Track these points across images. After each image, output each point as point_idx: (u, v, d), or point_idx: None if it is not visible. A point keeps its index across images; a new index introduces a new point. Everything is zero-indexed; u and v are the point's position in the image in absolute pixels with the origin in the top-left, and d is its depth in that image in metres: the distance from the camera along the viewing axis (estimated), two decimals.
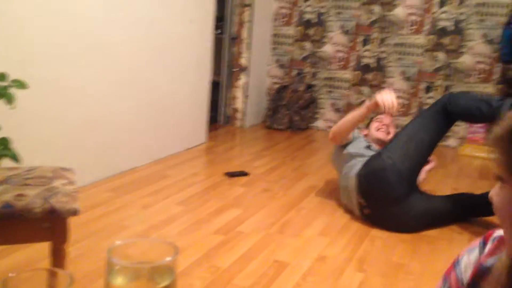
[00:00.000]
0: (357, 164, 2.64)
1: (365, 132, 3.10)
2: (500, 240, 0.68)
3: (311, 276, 2.00)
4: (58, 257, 1.42)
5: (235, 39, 4.74)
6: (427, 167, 2.93)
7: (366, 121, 3.30)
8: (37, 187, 1.46)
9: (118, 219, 2.46)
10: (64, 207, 1.40)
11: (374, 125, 3.06)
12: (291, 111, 4.86)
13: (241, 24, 4.70)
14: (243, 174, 3.32)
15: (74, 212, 1.42)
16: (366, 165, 2.57)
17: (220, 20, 4.68)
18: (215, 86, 4.71)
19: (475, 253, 0.70)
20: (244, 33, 4.70)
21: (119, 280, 0.49)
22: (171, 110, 3.66)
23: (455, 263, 0.72)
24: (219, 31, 4.71)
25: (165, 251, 0.51)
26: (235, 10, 4.68)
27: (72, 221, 1.53)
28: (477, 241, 0.71)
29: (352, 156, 2.72)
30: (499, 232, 0.69)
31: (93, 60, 2.85)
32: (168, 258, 0.51)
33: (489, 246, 0.69)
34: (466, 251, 0.72)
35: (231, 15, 4.69)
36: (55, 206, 1.39)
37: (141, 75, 3.28)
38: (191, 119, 3.93)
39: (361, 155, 2.69)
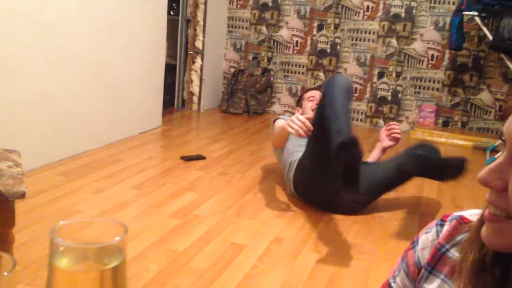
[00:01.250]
0: (293, 157, 2.68)
1: (300, 111, 3.09)
2: (459, 221, 0.68)
3: (267, 258, 2.02)
4: (4, 242, 1.37)
5: (190, 21, 4.65)
6: (384, 145, 2.88)
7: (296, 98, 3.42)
8: None
9: (70, 204, 2.39)
10: (10, 190, 1.33)
11: (308, 104, 3.01)
12: (247, 95, 4.84)
13: (196, 6, 4.61)
14: (199, 158, 3.29)
15: (21, 195, 1.35)
16: (296, 170, 2.61)
17: (175, 1, 4.58)
18: (171, 69, 4.62)
19: (433, 233, 0.70)
20: (199, 15, 4.62)
21: (64, 261, 0.47)
22: (125, 92, 3.56)
23: (414, 243, 0.73)
24: (174, 13, 4.61)
25: (114, 231, 0.49)
26: None
27: (21, 206, 1.47)
28: (434, 222, 0.72)
29: (289, 152, 2.75)
30: (458, 214, 0.70)
31: (42, 40, 2.72)
32: (117, 238, 0.49)
33: (446, 227, 0.69)
34: (425, 231, 0.73)
35: None
36: (2, 189, 1.33)
37: (94, 56, 3.16)
38: (145, 102, 3.85)
39: (299, 150, 2.70)
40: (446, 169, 2.51)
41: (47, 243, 1.94)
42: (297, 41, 4.88)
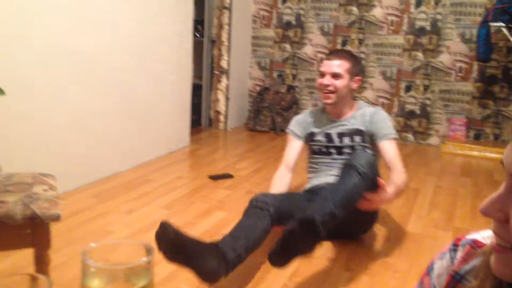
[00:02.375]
0: (306, 185, 2.50)
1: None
2: (473, 245, 0.67)
3: (297, 277, 2.01)
4: (41, 264, 1.41)
5: (215, 42, 4.74)
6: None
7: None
8: (17, 193, 1.43)
9: (103, 225, 2.44)
10: (46, 213, 1.38)
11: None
12: (273, 113, 4.87)
13: (220, 27, 4.70)
14: (227, 176, 3.31)
15: (56, 218, 1.40)
16: None
17: (200, 23, 4.68)
18: (197, 89, 4.70)
19: (447, 258, 0.69)
20: (224, 36, 4.71)
21: (95, 282, 0.49)
22: (153, 113, 3.64)
23: (429, 268, 0.72)
24: (199, 34, 4.71)
25: (141, 252, 0.51)
26: (214, 13, 4.68)
27: (56, 228, 1.52)
28: (448, 246, 0.71)
29: (308, 175, 2.57)
30: (470, 237, 0.69)
31: (74, 65, 2.82)
32: (144, 259, 0.51)
33: (460, 252, 0.68)
34: (439, 257, 0.72)
35: (210, 18, 4.69)
36: (36, 212, 1.37)
37: (122, 79, 3.25)
38: (173, 122, 3.92)
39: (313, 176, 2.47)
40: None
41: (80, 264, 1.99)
42: (321, 58, 4.90)
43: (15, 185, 1.48)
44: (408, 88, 4.66)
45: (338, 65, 2.37)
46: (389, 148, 2.33)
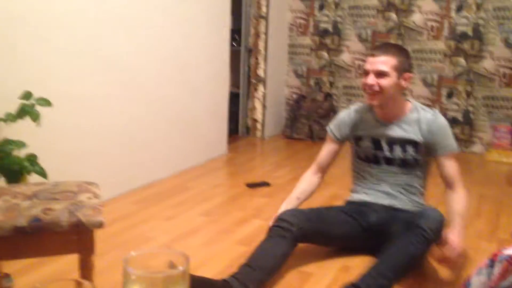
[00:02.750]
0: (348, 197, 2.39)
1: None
2: (510, 261, 0.66)
3: (335, 286, 1.99)
4: (85, 269, 1.46)
5: (252, 51, 4.78)
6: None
7: None
8: (63, 201, 1.50)
9: (143, 231, 2.50)
10: (90, 220, 1.43)
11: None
12: (310, 121, 4.86)
13: (257, 35, 4.75)
14: (264, 184, 3.33)
15: (100, 225, 1.45)
16: None
17: (236, 32, 4.74)
18: (235, 98, 4.76)
19: (484, 275, 0.68)
20: (261, 45, 4.75)
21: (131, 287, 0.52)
22: (192, 122, 3.71)
23: (466, 284, 0.71)
24: (236, 43, 4.77)
25: (178, 260, 0.53)
26: (250, 22, 4.74)
27: (99, 234, 1.57)
28: (485, 262, 0.70)
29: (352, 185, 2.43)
30: (507, 252, 0.67)
31: (117, 78, 2.92)
32: (181, 268, 0.53)
33: (497, 268, 0.67)
34: (476, 272, 0.70)
35: (247, 27, 4.74)
36: (81, 219, 1.43)
37: (162, 89, 3.34)
38: (211, 131, 3.98)
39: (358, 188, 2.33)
40: None
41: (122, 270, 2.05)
42: (359, 65, 4.86)
43: (61, 193, 1.55)
44: (449, 95, 4.55)
45: (383, 62, 2.06)
46: (448, 164, 2.12)
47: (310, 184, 2.35)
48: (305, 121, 4.88)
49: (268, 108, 4.90)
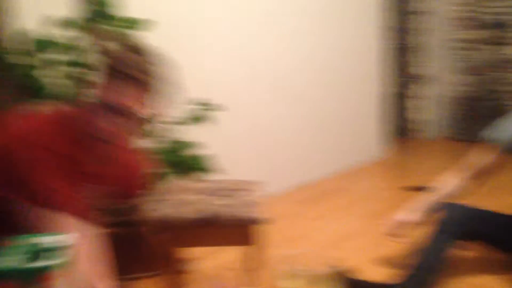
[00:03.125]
0: None
1: None
2: None
3: None
4: (248, 261, 1.59)
5: (410, 48, 4.58)
6: None
7: None
8: (226, 198, 1.65)
9: (301, 230, 2.61)
10: (251, 217, 1.56)
11: None
12: (476, 121, 4.47)
13: (416, 32, 4.53)
14: (423, 188, 3.18)
15: (259, 221, 1.56)
16: None
17: (396, 30, 4.59)
18: (393, 98, 4.61)
19: None
20: (420, 41, 4.52)
21: (289, 283, 0.60)
22: (352, 123, 3.73)
23: None
24: (391, 42, 4.61)
25: (329, 262, 0.59)
26: (408, 18, 4.54)
27: (261, 229, 1.70)
28: None
29: None
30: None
31: (268, 81, 3.12)
32: (329, 269, 0.59)
33: None
34: None
35: (404, 24, 4.56)
36: (242, 215, 1.56)
37: (312, 92, 3.44)
38: (367, 132, 3.93)
39: None
40: None
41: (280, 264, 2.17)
42: None
43: (226, 190, 1.71)
44: None
45: None
46: None
47: None
48: (471, 121, 4.50)
49: (429, 108, 4.65)
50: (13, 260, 0.61)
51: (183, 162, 2.26)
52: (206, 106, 2.38)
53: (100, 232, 1.14)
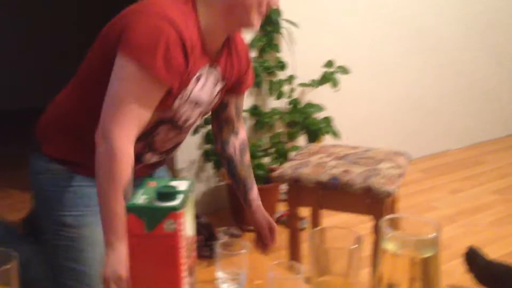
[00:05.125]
0: None
1: None
2: None
3: None
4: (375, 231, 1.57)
5: None
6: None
7: None
8: (364, 166, 1.64)
9: (426, 200, 2.52)
10: (381, 188, 1.53)
11: None
12: None
13: None
14: None
15: (387, 194, 1.52)
16: None
17: None
18: None
19: None
20: None
21: (390, 246, 0.61)
22: (492, 93, 3.40)
23: None
24: None
25: (433, 229, 0.60)
26: None
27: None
28: None
29: None
30: None
31: (412, 44, 2.94)
32: (433, 235, 0.59)
33: None
34: None
35: None
36: (372, 185, 1.55)
37: (460, 56, 3.17)
38: None
39: None
40: None
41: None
42: None
43: (366, 159, 1.70)
44: None
45: None
46: None
47: None
48: None
49: None
50: (143, 198, 0.72)
51: (314, 124, 2.31)
52: (337, 69, 2.37)
53: None
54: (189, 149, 2.29)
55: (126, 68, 0.99)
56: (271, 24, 2.30)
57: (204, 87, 1.13)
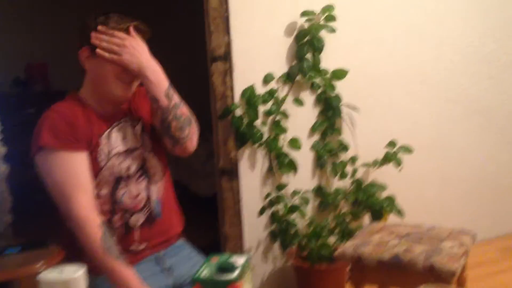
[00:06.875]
0: None
1: None
2: None
3: None
4: None
5: None
6: None
7: None
8: (426, 245, 1.64)
9: (504, 281, 2.37)
10: (443, 267, 1.52)
11: None
12: None
13: None
14: None
15: (451, 274, 1.51)
16: None
17: None
18: None
19: None
20: None
21: None
22: None
23: None
24: None
25: None
26: None
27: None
28: None
29: None
30: None
31: (480, 122, 2.94)
32: None
33: None
34: None
35: None
36: (435, 265, 1.54)
37: None
38: None
39: None
40: None
41: None
42: None
43: (429, 238, 1.70)
44: None
45: None
46: None
47: None
48: None
49: None
50: (207, 272, 0.83)
51: (377, 203, 2.33)
52: (400, 149, 2.41)
53: None
54: (256, 229, 2.39)
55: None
56: (331, 110, 2.43)
57: (126, 137, 1.37)
